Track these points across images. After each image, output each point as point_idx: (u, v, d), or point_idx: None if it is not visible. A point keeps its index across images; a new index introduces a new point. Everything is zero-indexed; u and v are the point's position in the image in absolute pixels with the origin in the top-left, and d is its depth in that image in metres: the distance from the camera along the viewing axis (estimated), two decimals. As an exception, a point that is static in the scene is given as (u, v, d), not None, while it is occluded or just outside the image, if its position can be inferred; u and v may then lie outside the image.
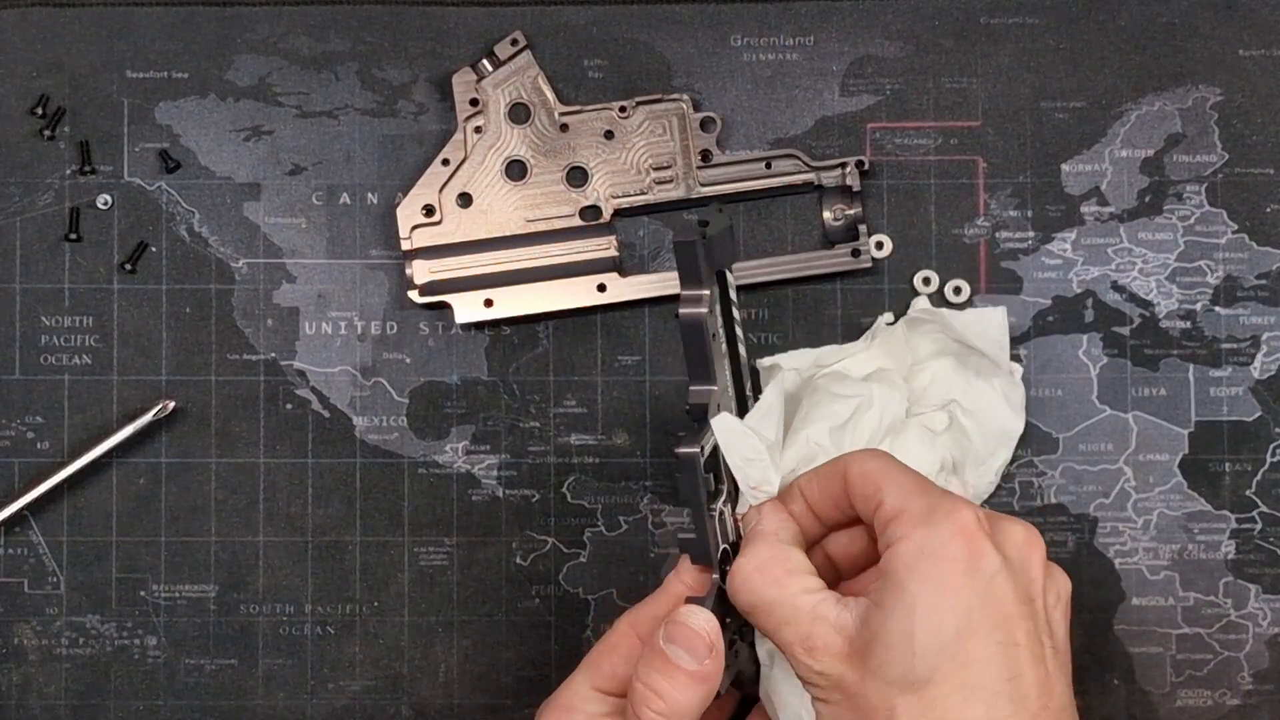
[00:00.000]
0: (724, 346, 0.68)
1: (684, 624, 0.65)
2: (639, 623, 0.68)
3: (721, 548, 0.66)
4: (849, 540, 0.68)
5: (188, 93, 0.80)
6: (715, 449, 0.67)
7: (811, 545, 0.68)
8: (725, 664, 0.65)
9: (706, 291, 0.65)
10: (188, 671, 0.79)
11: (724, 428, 0.66)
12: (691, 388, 0.66)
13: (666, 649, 0.65)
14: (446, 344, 0.80)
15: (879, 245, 0.79)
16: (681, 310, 0.65)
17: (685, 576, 0.68)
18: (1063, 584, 0.65)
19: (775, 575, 0.65)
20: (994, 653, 0.61)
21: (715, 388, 0.67)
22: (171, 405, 0.78)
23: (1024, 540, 0.64)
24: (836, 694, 0.63)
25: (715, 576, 0.66)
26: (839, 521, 0.67)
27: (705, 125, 0.79)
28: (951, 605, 0.61)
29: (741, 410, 0.69)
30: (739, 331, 0.69)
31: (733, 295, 0.69)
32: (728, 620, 0.66)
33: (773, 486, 0.67)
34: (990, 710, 0.61)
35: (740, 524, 0.68)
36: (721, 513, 0.66)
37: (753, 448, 0.67)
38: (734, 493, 0.68)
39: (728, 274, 0.69)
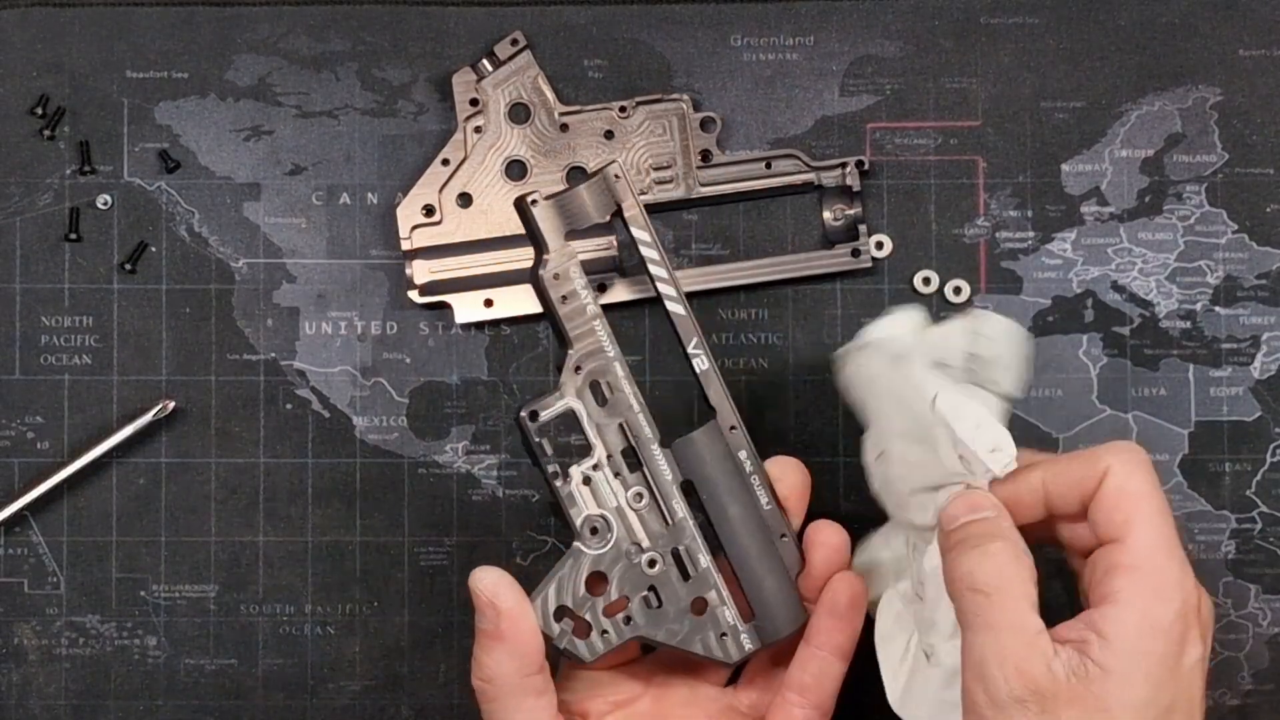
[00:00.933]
0: (590, 305, 0.69)
1: (470, 586, 0.67)
2: None
3: (590, 513, 0.68)
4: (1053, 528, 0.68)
5: (188, 93, 0.80)
6: (572, 413, 0.69)
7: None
8: (553, 629, 0.67)
9: (547, 255, 0.69)
10: (188, 671, 0.79)
11: (947, 402, 0.66)
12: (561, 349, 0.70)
13: (476, 615, 0.67)
14: (446, 344, 0.80)
15: (879, 245, 0.79)
16: (530, 273, 0.69)
17: None
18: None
19: (1009, 575, 0.64)
20: None
21: (570, 350, 0.69)
22: (171, 405, 0.78)
23: (1210, 619, 0.65)
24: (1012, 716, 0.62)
25: (575, 544, 0.69)
26: (1063, 515, 0.67)
27: (705, 125, 0.79)
28: (1161, 692, 0.62)
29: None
30: (664, 289, 0.70)
31: (643, 247, 0.70)
32: (608, 587, 0.69)
33: (1009, 452, 0.66)
34: None
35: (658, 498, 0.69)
36: (588, 477, 0.69)
37: (979, 414, 0.66)
38: (626, 456, 0.70)
39: (634, 231, 0.70)
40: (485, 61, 0.79)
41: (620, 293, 0.78)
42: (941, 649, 0.67)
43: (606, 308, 0.79)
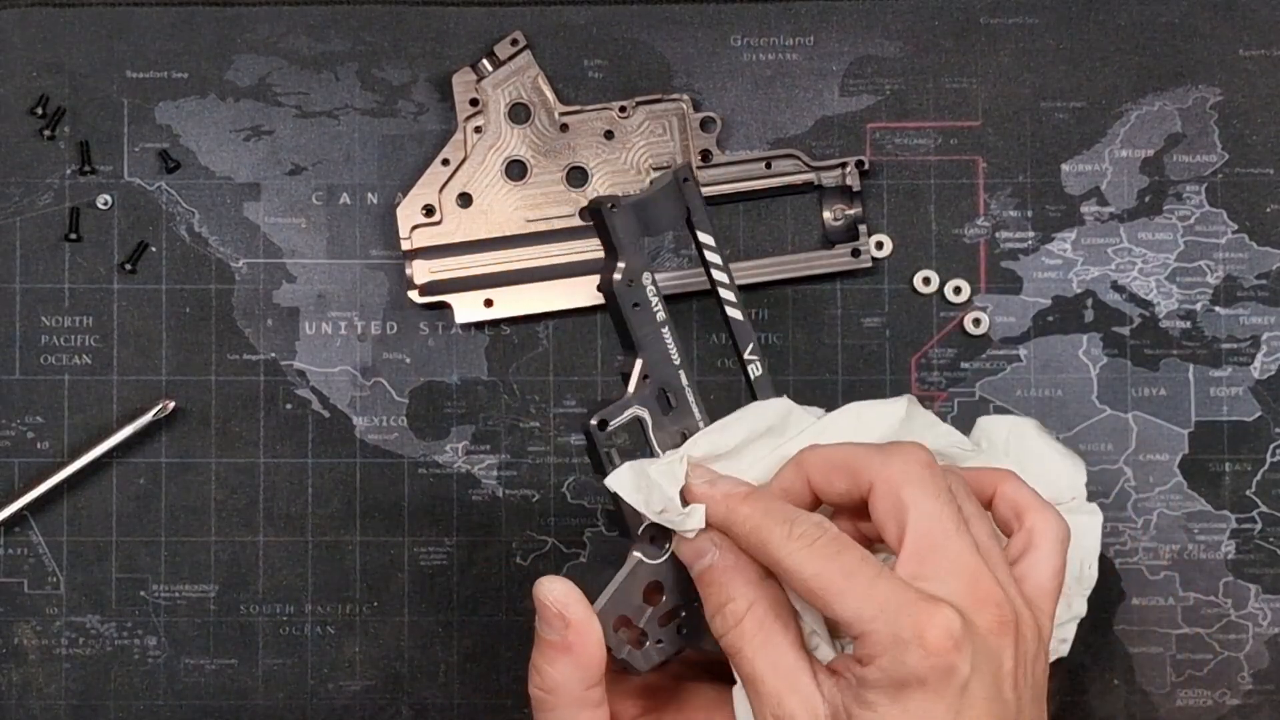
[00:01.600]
0: (659, 314, 0.68)
1: (537, 596, 0.65)
2: None
3: (650, 521, 0.67)
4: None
5: (188, 93, 0.80)
6: (639, 421, 0.68)
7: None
8: (613, 639, 0.66)
9: (622, 262, 0.67)
10: (188, 671, 0.79)
11: (619, 480, 0.65)
12: (619, 357, 0.68)
13: (537, 623, 0.65)
14: (446, 344, 0.80)
15: (879, 245, 0.79)
16: (601, 278, 0.67)
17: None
18: (1045, 624, 0.63)
19: (752, 630, 0.63)
20: None
21: (639, 359, 0.68)
22: (171, 405, 0.78)
23: (994, 622, 0.61)
24: None
25: (634, 553, 0.67)
26: (841, 505, 0.65)
27: (705, 125, 0.79)
28: (938, 714, 0.59)
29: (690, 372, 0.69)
30: (725, 294, 0.69)
31: (709, 254, 0.69)
32: (662, 597, 0.67)
33: (691, 522, 0.65)
34: None
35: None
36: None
37: (660, 499, 0.65)
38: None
39: (700, 235, 0.69)
40: (485, 61, 0.79)
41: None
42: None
43: (606, 308, 0.79)
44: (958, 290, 0.79)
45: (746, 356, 0.70)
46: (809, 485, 0.65)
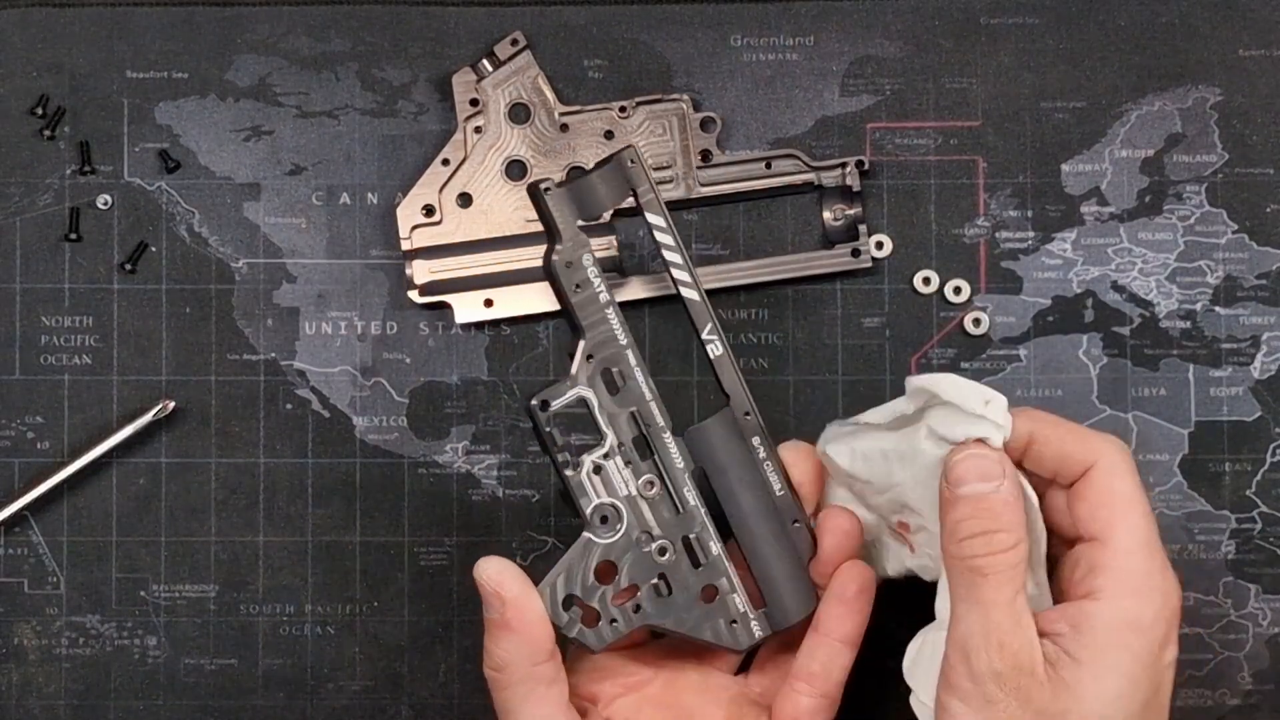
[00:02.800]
0: (602, 293, 0.69)
1: (475, 576, 0.67)
2: None
3: (600, 502, 0.68)
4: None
5: (188, 93, 0.80)
6: (584, 401, 0.68)
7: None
8: (561, 617, 0.67)
9: (559, 243, 0.68)
10: (188, 671, 0.79)
11: (942, 380, 0.67)
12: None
13: (483, 604, 0.67)
14: (446, 344, 0.80)
15: (879, 245, 0.79)
16: (542, 261, 0.69)
17: None
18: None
19: (1009, 561, 0.65)
20: None
21: (582, 340, 0.69)
22: (171, 405, 0.78)
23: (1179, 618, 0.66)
24: (995, 703, 0.63)
25: (585, 533, 0.69)
26: (1036, 473, 0.68)
27: (705, 125, 0.79)
28: (1144, 682, 0.64)
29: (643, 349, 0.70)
30: (679, 274, 0.70)
31: (659, 234, 0.70)
32: (617, 576, 0.68)
33: (1001, 402, 0.66)
34: None
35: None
36: (599, 466, 0.68)
37: (957, 380, 0.67)
38: (638, 445, 0.69)
39: (647, 214, 0.70)
40: (485, 61, 0.79)
41: (620, 292, 0.78)
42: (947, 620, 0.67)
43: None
44: (958, 290, 0.79)
45: (705, 336, 0.70)
46: (1026, 440, 0.67)
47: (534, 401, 0.68)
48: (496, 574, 0.67)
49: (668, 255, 0.70)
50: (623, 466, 0.69)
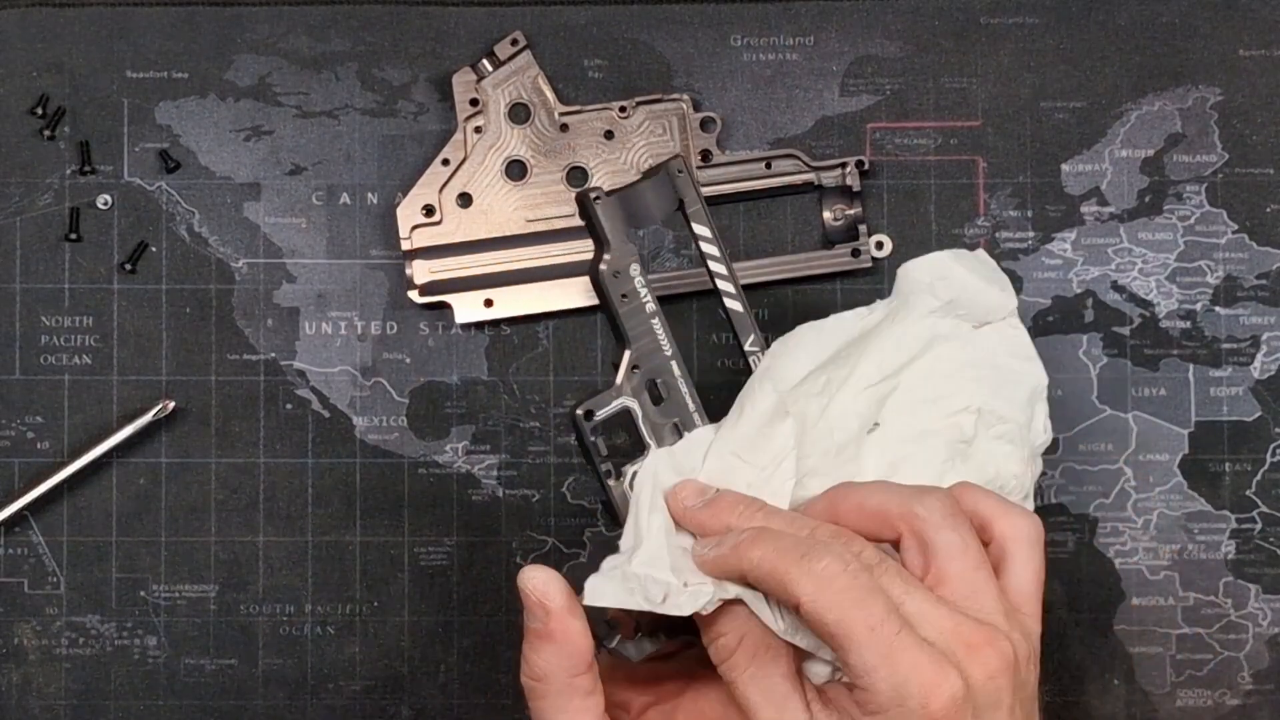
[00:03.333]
0: (648, 305, 0.68)
1: (520, 585, 0.66)
2: None
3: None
4: None
5: (188, 93, 0.80)
6: (627, 411, 0.68)
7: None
8: (603, 630, 0.66)
9: (608, 253, 0.67)
10: (188, 671, 0.79)
11: (599, 593, 0.65)
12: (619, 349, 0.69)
13: (525, 613, 0.66)
14: (446, 344, 0.80)
15: (879, 245, 0.79)
16: (590, 270, 0.68)
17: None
18: (1034, 630, 0.64)
19: (744, 663, 0.64)
20: None
21: (627, 349, 0.68)
22: (171, 405, 0.78)
23: (994, 671, 0.61)
24: None
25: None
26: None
27: (705, 125, 0.79)
28: None
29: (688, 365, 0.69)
30: (724, 285, 0.70)
31: (705, 245, 0.69)
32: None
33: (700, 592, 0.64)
34: None
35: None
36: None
37: (657, 588, 0.64)
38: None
39: (695, 226, 0.69)
40: (485, 61, 0.79)
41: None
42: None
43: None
44: (958, 290, 0.79)
45: (747, 348, 0.70)
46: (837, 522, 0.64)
47: (579, 411, 0.67)
48: (543, 584, 0.66)
49: (713, 266, 0.70)
50: None
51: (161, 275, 0.79)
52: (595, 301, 0.78)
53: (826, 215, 0.79)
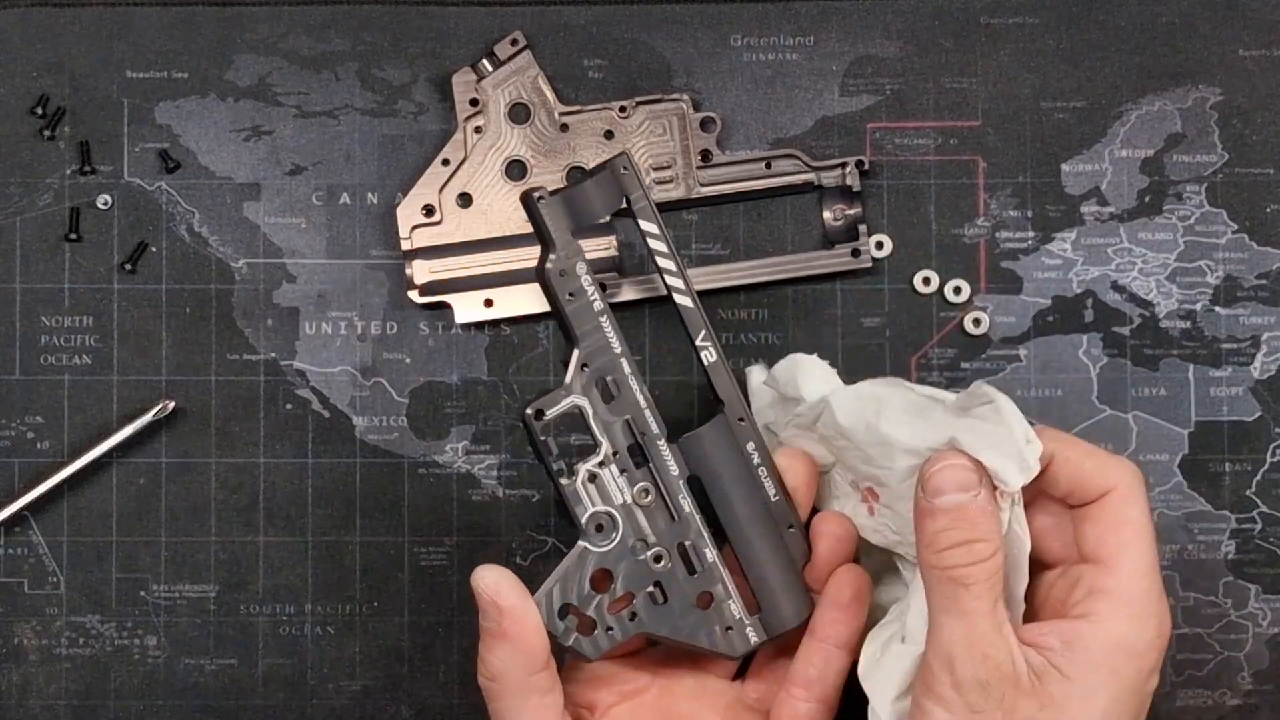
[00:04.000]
0: (596, 301, 0.68)
1: (473, 584, 0.66)
2: None
3: (595, 510, 0.68)
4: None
5: (188, 93, 0.80)
6: (579, 410, 0.68)
7: None
8: (557, 627, 0.67)
9: (553, 252, 0.68)
10: (188, 671, 0.79)
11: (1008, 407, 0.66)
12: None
13: (479, 613, 0.67)
14: (446, 344, 0.80)
15: (879, 245, 0.79)
16: (536, 269, 0.69)
17: None
18: None
19: (989, 569, 0.64)
20: None
21: (576, 348, 0.69)
22: (171, 405, 0.78)
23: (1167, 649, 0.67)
24: (979, 712, 0.63)
25: (580, 542, 0.68)
26: (1050, 493, 0.68)
27: (705, 125, 0.79)
28: (1128, 706, 0.64)
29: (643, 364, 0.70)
30: (672, 281, 0.70)
31: (652, 241, 0.70)
32: (613, 585, 0.68)
33: (1038, 447, 0.66)
34: None
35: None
36: (594, 474, 0.68)
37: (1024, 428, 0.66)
38: (633, 453, 0.69)
39: (640, 221, 0.70)
40: (485, 61, 0.79)
41: (621, 293, 0.78)
42: (918, 632, 0.67)
43: (606, 308, 0.79)
44: (958, 290, 0.79)
45: (699, 343, 0.70)
46: (1046, 460, 0.66)
47: (529, 411, 0.68)
48: (494, 583, 0.67)
49: (660, 261, 0.70)
50: (618, 475, 0.69)
51: (161, 275, 0.79)
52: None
53: (826, 215, 0.79)
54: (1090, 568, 0.65)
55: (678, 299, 0.70)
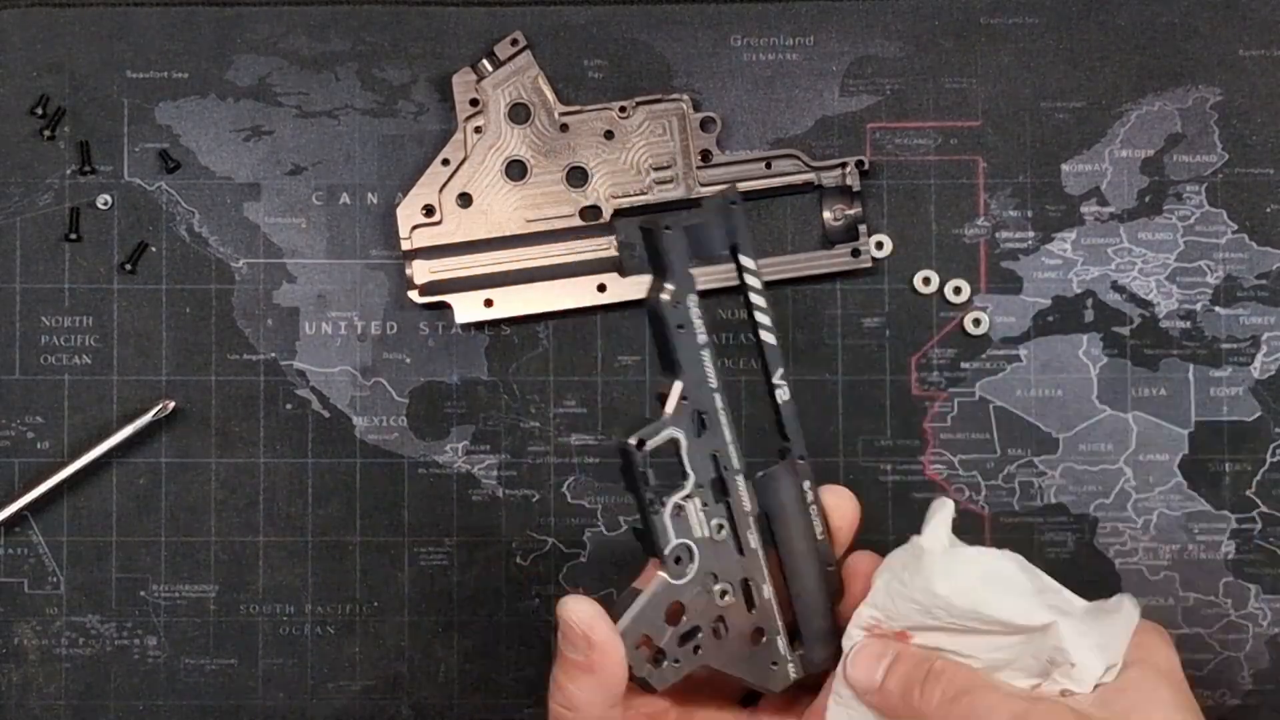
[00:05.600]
0: (700, 337, 0.68)
1: (561, 616, 0.65)
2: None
3: (677, 543, 0.67)
4: None
5: (188, 93, 0.80)
6: (674, 442, 0.67)
7: None
8: (634, 658, 0.66)
9: (670, 284, 0.67)
10: (188, 671, 0.79)
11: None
12: (660, 378, 0.68)
13: (560, 641, 0.65)
14: (446, 344, 0.80)
15: (879, 245, 0.79)
16: (648, 297, 0.67)
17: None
18: None
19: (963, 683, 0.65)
20: None
21: (679, 380, 0.67)
22: (171, 405, 0.78)
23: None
24: None
25: (660, 574, 0.67)
26: None
27: (705, 125, 0.79)
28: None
29: (732, 400, 0.69)
30: (761, 318, 0.70)
31: (749, 278, 0.69)
32: (684, 618, 0.67)
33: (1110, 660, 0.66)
34: None
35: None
36: (680, 507, 0.67)
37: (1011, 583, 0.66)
38: (714, 487, 0.68)
39: (742, 259, 0.69)
40: (485, 61, 0.79)
41: (620, 292, 0.78)
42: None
43: (606, 308, 0.79)
44: (958, 290, 0.79)
45: (775, 381, 0.70)
46: None
47: (631, 441, 0.66)
48: (588, 617, 0.65)
49: (754, 299, 0.69)
50: (700, 508, 0.68)
51: (161, 275, 0.79)
52: (595, 302, 0.78)
53: (826, 215, 0.79)
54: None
55: (764, 335, 0.70)
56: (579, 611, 0.65)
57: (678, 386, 0.67)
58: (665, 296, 0.67)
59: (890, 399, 0.79)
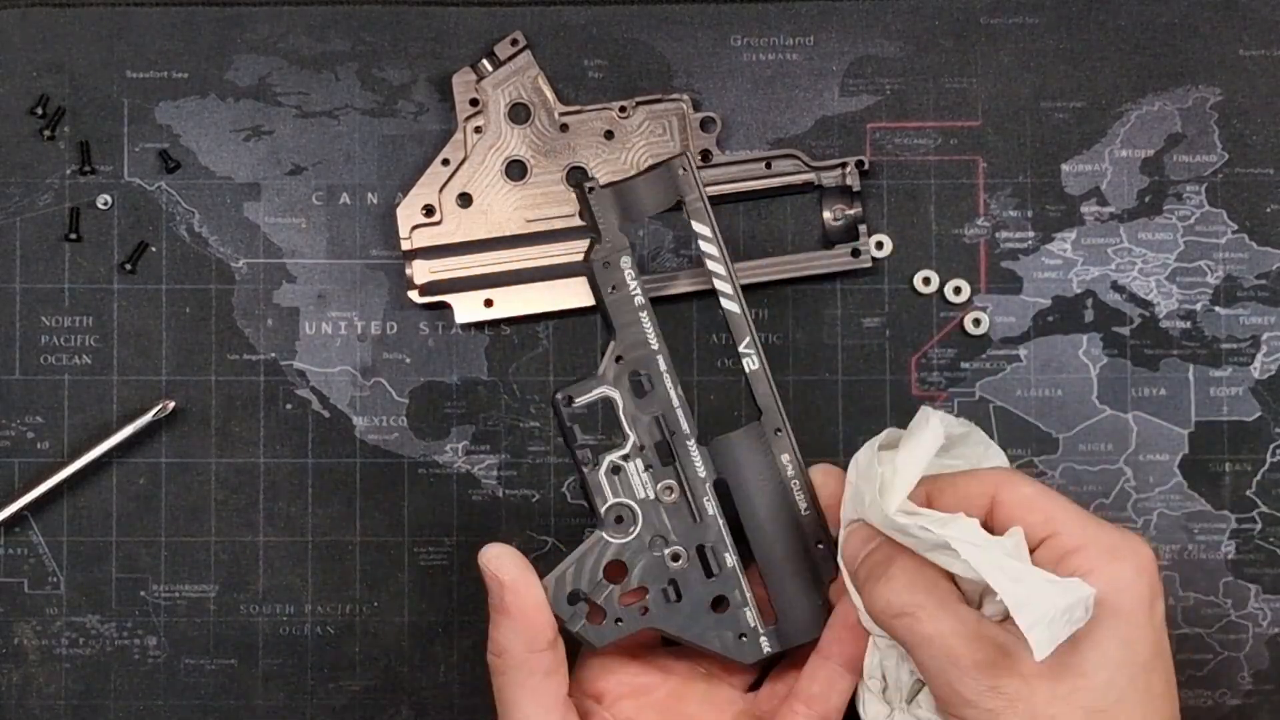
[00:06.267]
0: (637, 296, 0.69)
1: (479, 560, 0.68)
2: None
3: (614, 502, 0.68)
4: None
5: (188, 93, 0.80)
6: (608, 401, 0.69)
7: None
8: (565, 611, 0.68)
9: (600, 242, 0.69)
10: (188, 671, 0.79)
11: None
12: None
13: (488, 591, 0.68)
14: (446, 344, 0.80)
15: (879, 245, 0.79)
16: (582, 259, 0.69)
17: None
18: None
19: (921, 586, 0.65)
20: (1166, 688, 0.64)
21: (615, 340, 0.69)
22: (171, 405, 0.78)
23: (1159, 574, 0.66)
24: (1013, 714, 0.63)
25: (598, 530, 0.69)
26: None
27: (705, 125, 0.79)
28: (1141, 640, 0.63)
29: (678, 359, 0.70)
30: (721, 285, 0.70)
31: (704, 244, 0.70)
32: (626, 577, 0.69)
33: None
34: None
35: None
36: (619, 466, 0.68)
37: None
38: (660, 450, 0.69)
39: (693, 222, 0.70)
40: (485, 61, 0.79)
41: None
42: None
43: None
44: (958, 290, 0.79)
45: (742, 349, 0.70)
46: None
47: (559, 395, 0.69)
48: (495, 558, 0.68)
49: (712, 265, 0.70)
50: (642, 469, 0.69)
51: (161, 275, 0.79)
52: (594, 302, 0.78)
53: (826, 215, 0.79)
54: (1044, 547, 0.65)
55: (725, 303, 0.71)
56: (490, 553, 0.68)
57: (611, 346, 0.69)
58: (594, 256, 0.69)
59: (890, 399, 0.79)
